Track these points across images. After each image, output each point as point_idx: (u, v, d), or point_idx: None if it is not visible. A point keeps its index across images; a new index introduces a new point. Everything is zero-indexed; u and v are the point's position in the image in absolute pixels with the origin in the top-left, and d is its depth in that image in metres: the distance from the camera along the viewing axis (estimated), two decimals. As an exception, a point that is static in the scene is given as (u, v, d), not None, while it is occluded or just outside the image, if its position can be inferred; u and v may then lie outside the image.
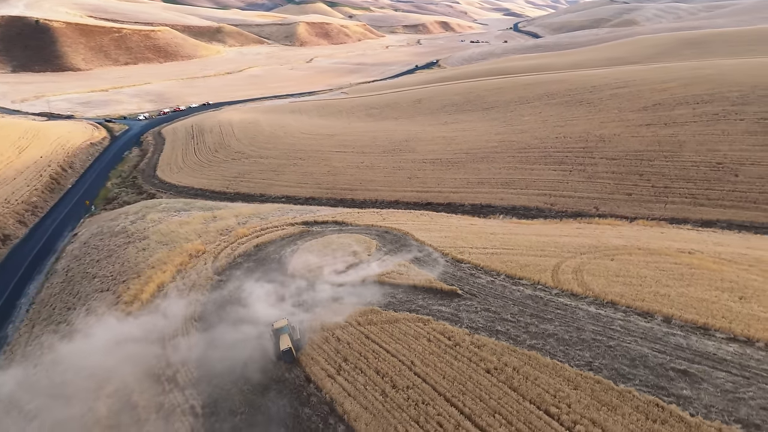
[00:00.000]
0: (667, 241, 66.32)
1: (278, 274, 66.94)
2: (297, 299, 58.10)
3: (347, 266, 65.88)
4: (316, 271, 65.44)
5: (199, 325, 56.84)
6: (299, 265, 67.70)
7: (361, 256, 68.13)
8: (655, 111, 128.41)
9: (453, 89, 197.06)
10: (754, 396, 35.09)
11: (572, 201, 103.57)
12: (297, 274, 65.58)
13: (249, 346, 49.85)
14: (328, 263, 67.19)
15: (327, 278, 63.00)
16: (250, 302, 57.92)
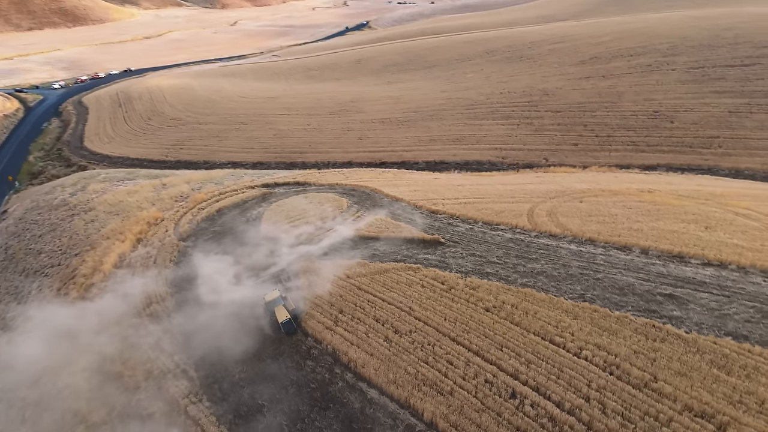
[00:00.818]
0: (624, 183, 69.96)
1: (250, 237, 65.20)
2: (276, 260, 56.86)
3: (323, 224, 65.10)
4: (290, 231, 64.25)
5: (175, 296, 54.55)
6: (272, 227, 66.22)
7: (335, 213, 67.49)
8: (592, 64, 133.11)
9: (392, 49, 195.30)
10: (737, 311, 38.25)
11: (522, 153, 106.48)
12: (270, 235, 64.11)
13: (238, 316, 48.21)
14: (301, 223, 66.13)
15: (303, 237, 62.00)
16: (232, 265, 56.14)
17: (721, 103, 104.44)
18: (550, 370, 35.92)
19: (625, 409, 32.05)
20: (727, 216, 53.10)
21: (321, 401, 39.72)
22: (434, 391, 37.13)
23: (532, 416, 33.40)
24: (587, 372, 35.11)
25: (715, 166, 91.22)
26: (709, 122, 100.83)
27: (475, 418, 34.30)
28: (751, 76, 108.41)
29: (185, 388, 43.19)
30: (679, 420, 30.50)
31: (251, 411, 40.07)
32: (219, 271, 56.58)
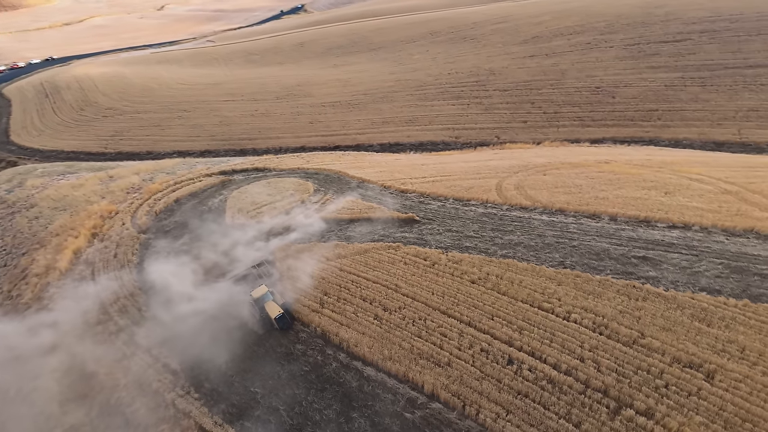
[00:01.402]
0: (581, 156, 72.75)
1: (216, 225, 63.43)
2: (250, 248, 55.66)
3: (292, 208, 64.22)
4: (259, 217, 62.95)
5: (145, 292, 52.42)
6: (239, 214, 64.56)
7: (303, 197, 66.67)
8: (535, 43, 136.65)
9: (334, 32, 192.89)
10: (707, 268, 40.88)
11: (475, 132, 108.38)
12: (239, 222, 62.59)
13: (219, 313, 46.79)
14: (269, 208, 64.92)
15: (275, 222, 60.92)
16: (201, 257, 54.39)
17: (657, 78, 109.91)
18: (543, 335, 37.19)
19: (619, 365, 33.72)
20: (683, 182, 56.36)
21: (316, 383, 39.45)
22: (432, 364, 37.63)
23: (531, 380, 34.56)
24: (578, 334, 36.61)
25: (656, 137, 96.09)
26: (647, 96, 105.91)
27: (476, 386, 35.12)
28: (683, 51, 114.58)
29: (169, 382, 41.75)
30: (670, 372, 32.43)
31: (244, 400, 39.27)
32: (187, 264, 54.76)
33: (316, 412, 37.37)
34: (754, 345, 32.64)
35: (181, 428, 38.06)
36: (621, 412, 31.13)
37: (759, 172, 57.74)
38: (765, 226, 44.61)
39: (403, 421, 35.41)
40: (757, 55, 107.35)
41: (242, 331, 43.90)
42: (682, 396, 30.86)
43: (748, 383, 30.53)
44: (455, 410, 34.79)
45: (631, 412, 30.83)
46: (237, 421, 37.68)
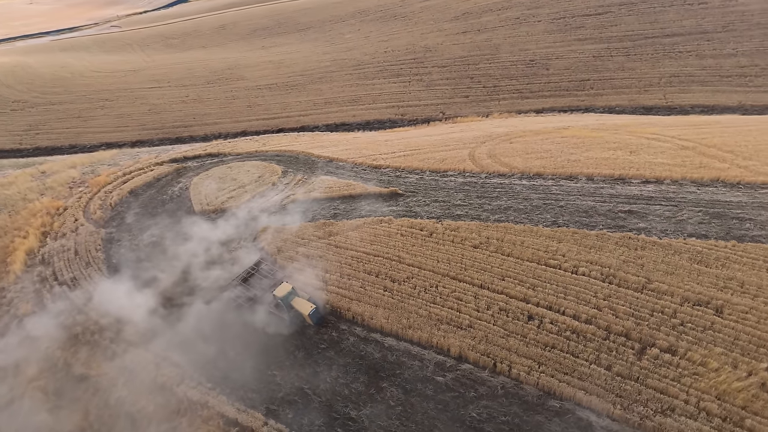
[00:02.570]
0: (537, 124, 75.72)
1: (185, 214, 60.43)
2: (226, 236, 53.70)
3: (265, 191, 62.34)
4: (231, 202, 60.55)
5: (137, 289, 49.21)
6: (207, 200, 61.76)
7: (273, 179, 64.87)
8: (465, 19, 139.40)
9: (257, 13, 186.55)
10: (689, 216, 44.24)
11: (419, 109, 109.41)
12: (210, 209, 59.93)
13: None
14: (239, 193, 62.61)
15: (251, 206, 58.91)
16: (178, 252, 51.56)
17: (585, 49, 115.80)
18: (556, 290, 38.85)
19: (634, 310, 35.98)
20: (642, 141, 60.27)
21: (337, 359, 39.06)
22: (453, 328, 38.33)
23: (555, 332, 36.12)
24: (590, 285, 38.59)
25: (591, 105, 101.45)
26: (578, 67, 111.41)
27: (503, 344, 36.22)
28: (605, 24, 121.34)
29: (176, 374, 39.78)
30: (682, 311, 35.05)
31: (263, 384, 38.15)
32: (167, 254, 52.01)
33: (344, 387, 37.07)
34: (752, 279, 35.92)
35: (202, 418, 36.47)
36: (646, 352, 33.29)
37: (704, 129, 62.82)
38: (728, 176, 48.76)
39: (436, 385, 35.92)
40: (672, 24, 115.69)
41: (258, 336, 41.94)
42: (698, 331, 33.46)
43: (754, 314, 33.62)
44: (486, 369, 35.71)
45: (655, 350, 33.04)
46: (261, 405, 36.54)
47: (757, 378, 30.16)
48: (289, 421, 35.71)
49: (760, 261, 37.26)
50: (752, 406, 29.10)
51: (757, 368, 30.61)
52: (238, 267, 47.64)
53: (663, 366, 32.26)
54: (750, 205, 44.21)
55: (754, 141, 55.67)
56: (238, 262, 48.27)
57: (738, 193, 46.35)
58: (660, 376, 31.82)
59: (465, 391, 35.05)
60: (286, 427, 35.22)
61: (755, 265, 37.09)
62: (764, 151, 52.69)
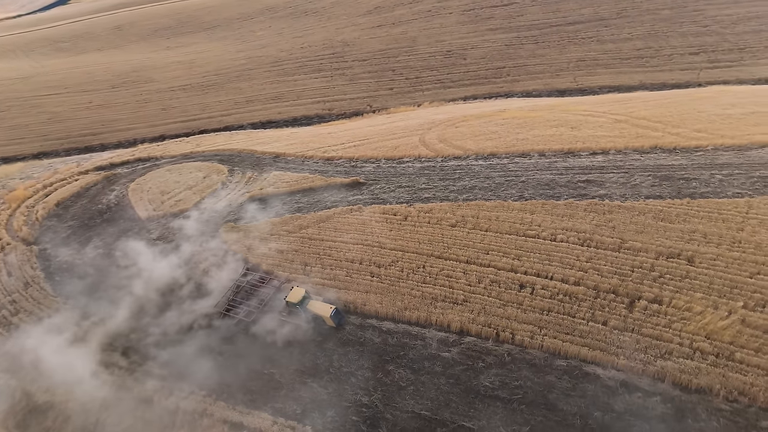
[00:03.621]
0: (474, 109, 78.45)
1: (130, 222, 56.61)
2: (186, 240, 51.04)
3: (215, 191, 59.78)
4: (179, 205, 57.60)
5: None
6: (152, 206, 58.25)
7: (221, 178, 62.44)
8: (378, 13, 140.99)
9: (156, 12, 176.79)
10: (641, 181, 47.98)
11: (346, 103, 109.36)
12: (157, 215, 56.66)
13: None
14: (188, 194, 59.57)
15: (203, 207, 56.28)
16: (135, 263, 48.00)
17: (498, 39, 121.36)
18: (541, 258, 40.75)
19: (617, 268, 38.60)
20: (578, 118, 64.37)
21: (337, 349, 38.46)
22: (449, 304, 39.07)
23: (548, 297, 37.93)
24: (570, 250, 40.85)
25: (510, 91, 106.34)
26: (493, 56, 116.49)
27: (501, 314, 37.49)
28: (513, 14, 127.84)
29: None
30: (658, 264, 38.12)
31: (263, 383, 36.87)
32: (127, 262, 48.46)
33: (350, 375, 36.66)
34: (712, 230, 39.75)
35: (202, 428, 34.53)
36: (635, 305, 35.92)
37: (628, 104, 68.28)
38: (665, 143, 53.42)
39: (443, 360, 36.46)
40: (573, 13, 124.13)
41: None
42: (676, 281, 36.58)
43: (721, 260, 37.28)
44: (489, 339, 36.76)
45: (643, 302, 35.73)
46: (265, 405, 35.23)
47: (737, 316, 33.51)
48: (299, 416, 34.64)
49: (715, 214, 41.28)
50: (738, 341, 32.31)
51: (735, 307, 34.00)
52: (211, 278, 45.16)
53: (653, 315, 34.89)
54: (691, 167, 48.75)
55: (676, 112, 61.36)
56: (212, 271, 45.82)
57: (677, 157, 50.92)
58: (652, 325, 34.39)
59: (473, 363, 35.81)
60: (297, 423, 34.09)
61: (711, 217, 41.04)
62: (688, 119, 58.23)
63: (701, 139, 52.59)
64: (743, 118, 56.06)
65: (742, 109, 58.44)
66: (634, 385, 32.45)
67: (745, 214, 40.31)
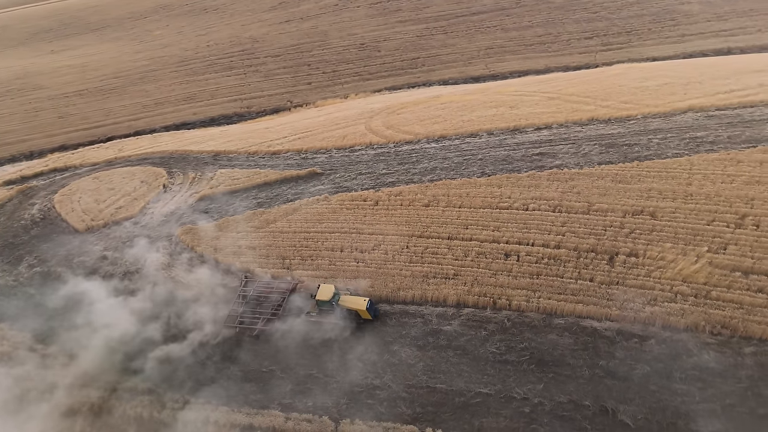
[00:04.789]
0: (408, 97, 79.96)
1: (65, 234, 52.00)
2: (140, 247, 47.71)
3: (158, 195, 56.07)
4: (121, 212, 53.61)
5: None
6: (89, 216, 53.70)
7: (161, 182, 58.93)
8: (284, 9, 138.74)
9: (32, 14, 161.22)
10: (590, 150, 51.32)
11: (265, 100, 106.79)
12: (97, 225, 52.48)
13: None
14: (127, 201, 55.71)
15: (151, 213, 52.75)
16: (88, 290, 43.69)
17: (408, 30, 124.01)
18: (519, 227, 42.58)
19: (591, 229, 41.24)
20: (513, 98, 67.59)
21: (338, 337, 37.80)
22: (441, 279, 39.82)
23: (534, 262, 39.77)
24: (545, 217, 43.05)
25: (427, 80, 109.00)
26: (406, 47, 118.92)
27: (494, 282, 38.82)
28: (419, 6, 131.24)
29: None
30: (626, 220, 41.25)
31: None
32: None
33: (354, 361, 36.25)
34: (665, 187, 43.62)
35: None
36: (615, 260, 38.64)
37: (552, 83, 72.84)
38: (599, 115, 57.67)
39: (446, 334, 37.10)
40: (476, 3, 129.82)
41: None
42: (645, 234, 39.82)
43: (680, 212, 41.07)
44: (487, 308, 37.91)
45: (622, 257, 38.55)
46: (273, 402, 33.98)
47: (705, 259, 37.15)
48: (310, 409, 33.75)
49: (663, 173, 45.31)
50: (711, 281, 35.85)
51: (702, 252, 37.66)
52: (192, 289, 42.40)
53: (633, 268, 37.76)
54: (628, 134, 53.05)
55: (599, 87, 66.42)
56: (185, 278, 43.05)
57: (614, 126, 55.17)
58: (634, 276, 37.22)
59: (476, 332, 36.72)
60: (313, 415, 33.20)
61: (661, 176, 45.01)
62: (613, 93, 63.25)
63: (630, 109, 57.25)
64: (659, 89, 61.77)
65: (655, 82, 64.34)
66: (629, 332, 34.85)
67: (689, 170, 44.60)
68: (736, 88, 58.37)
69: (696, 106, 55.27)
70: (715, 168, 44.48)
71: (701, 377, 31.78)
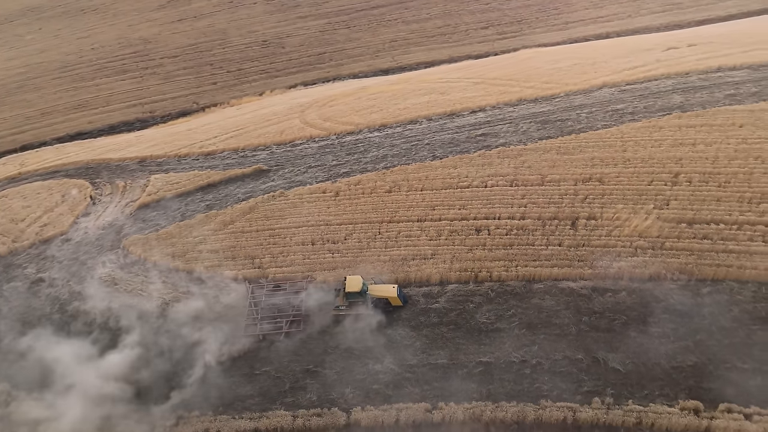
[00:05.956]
0: (332, 90, 79.44)
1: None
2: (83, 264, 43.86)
3: (87, 209, 51.78)
4: (48, 230, 48.75)
5: None
6: (10, 238, 48.11)
7: (85, 194, 54.50)
8: (175, 7, 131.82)
9: None
10: (527, 128, 54.32)
11: (168, 103, 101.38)
12: (22, 246, 47.24)
13: None
14: (52, 218, 50.75)
15: (84, 228, 48.54)
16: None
17: (310, 26, 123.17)
18: (483, 203, 44.41)
19: (549, 198, 43.97)
20: (441, 85, 69.71)
21: (325, 329, 37.43)
22: (420, 260, 40.70)
23: (505, 234, 41.75)
24: (504, 192, 45.26)
25: (338, 75, 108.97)
26: (311, 42, 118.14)
27: (471, 257, 40.33)
28: (319, 1, 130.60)
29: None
30: (579, 188, 44.38)
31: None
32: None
33: (351, 350, 36.08)
34: (604, 155, 47.54)
35: None
36: (577, 224, 41.60)
37: (472, 69, 76.38)
38: (526, 95, 61.32)
39: (436, 311, 37.99)
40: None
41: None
42: (598, 198, 43.27)
43: (623, 176, 44.99)
44: (470, 282, 39.28)
45: (582, 221, 41.59)
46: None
47: (653, 215, 41.13)
48: (314, 402, 33.19)
49: (600, 142, 49.33)
50: (663, 234, 39.79)
51: (649, 209, 41.64)
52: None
53: (594, 229, 40.91)
54: (557, 111, 56.99)
55: (518, 70, 70.62)
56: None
57: (543, 105, 58.98)
58: (597, 237, 40.35)
59: (464, 306, 37.91)
60: (321, 409, 32.67)
61: (598, 145, 48.98)
62: (533, 75, 67.50)
63: (553, 89, 61.52)
64: (571, 69, 66.95)
65: (566, 63, 69.61)
66: (603, 288, 37.79)
67: (621, 138, 49.00)
68: (637, 64, 64.62)
69: (609, 83, 60.48)
70: (642, 135, 49.09)
71: (671, 319, 35.17)
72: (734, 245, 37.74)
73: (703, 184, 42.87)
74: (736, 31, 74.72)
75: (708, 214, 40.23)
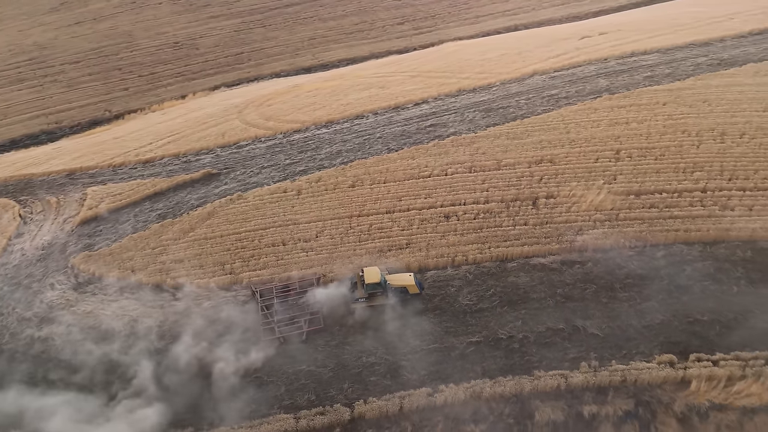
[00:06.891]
0: (263, 90, 77.35)
1: None
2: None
3: (19, 230, 47.33)
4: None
5: None
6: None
7: (13, 213, 49.71)
8: (69, 9, 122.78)
9: None
10: (473, 117, 56.20)
11: (75, 112, 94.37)
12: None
13: None
14: None
15: (20, 249, 44.45)
16: None
17: (224, 26, 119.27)
18: (447, 191, 45.55)
19: (507, 181, 45.89)
20: (378, 80, 70.10)
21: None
22: (396, 251, 41.14)
23: (473, 218, 43.18)
24: (465, 179, 46.67)
25: (258, 74, 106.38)
26: (226, 42, 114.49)
27: (445, 243, 41.34)
28: (229, 0, 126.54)
29: None
30: (533, 169, 46.74)
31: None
32: None
33: (344, 345, 36.04)
34: (551, 138, 50.37)
35: None
36: (538, 203, 43.89)
37: (404, 63, 77.40)
38: (464, 86, 63.33)
39: (420, 298, 38.57)
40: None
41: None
42: (553, 178, 45.87)
43: (571, 156, 47.93)
44: (447, 267, 40.33)
45: (543, 200, 43.95)
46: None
47: (604, 189, 44.27)
48: (314, 402, 32.88)
49: (544, 126, 52.16)
50: (616, 206, 42.92)
51: (600, 185, 44.72)
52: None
53: (555, 207, 43.35)
54: (497, 99, 59.47)
55: (450, 62, 72.69)
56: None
57: (482, 94, 61.28)
58: (558, 213, 42.81)
59: (445, 291, 38.91)
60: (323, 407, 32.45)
61: (543, 129, 51.77)
62: (465, 67, 69.71)
63: (488, 78, 64.09)
64: (500, 59, 70.04)
65: (493, 54, 72.67)
66: (570, 260, 40.20)
67: (563, 121, 52.15)
68: (560, 52, 68.80)
69: (539, 70, 63.99)
70: (581, 117, 52.54)
71: (635, 283, 38.16)
72: (678, 211, 41.38)
73: (642, 158, 46.59)
74: (637, 19, 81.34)
75: (651, 185, 43.83)
